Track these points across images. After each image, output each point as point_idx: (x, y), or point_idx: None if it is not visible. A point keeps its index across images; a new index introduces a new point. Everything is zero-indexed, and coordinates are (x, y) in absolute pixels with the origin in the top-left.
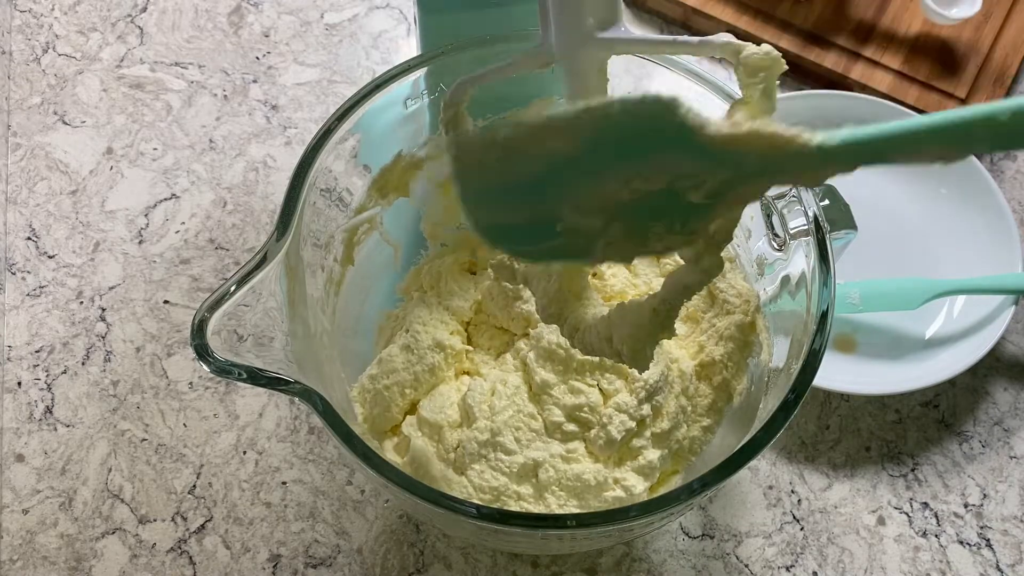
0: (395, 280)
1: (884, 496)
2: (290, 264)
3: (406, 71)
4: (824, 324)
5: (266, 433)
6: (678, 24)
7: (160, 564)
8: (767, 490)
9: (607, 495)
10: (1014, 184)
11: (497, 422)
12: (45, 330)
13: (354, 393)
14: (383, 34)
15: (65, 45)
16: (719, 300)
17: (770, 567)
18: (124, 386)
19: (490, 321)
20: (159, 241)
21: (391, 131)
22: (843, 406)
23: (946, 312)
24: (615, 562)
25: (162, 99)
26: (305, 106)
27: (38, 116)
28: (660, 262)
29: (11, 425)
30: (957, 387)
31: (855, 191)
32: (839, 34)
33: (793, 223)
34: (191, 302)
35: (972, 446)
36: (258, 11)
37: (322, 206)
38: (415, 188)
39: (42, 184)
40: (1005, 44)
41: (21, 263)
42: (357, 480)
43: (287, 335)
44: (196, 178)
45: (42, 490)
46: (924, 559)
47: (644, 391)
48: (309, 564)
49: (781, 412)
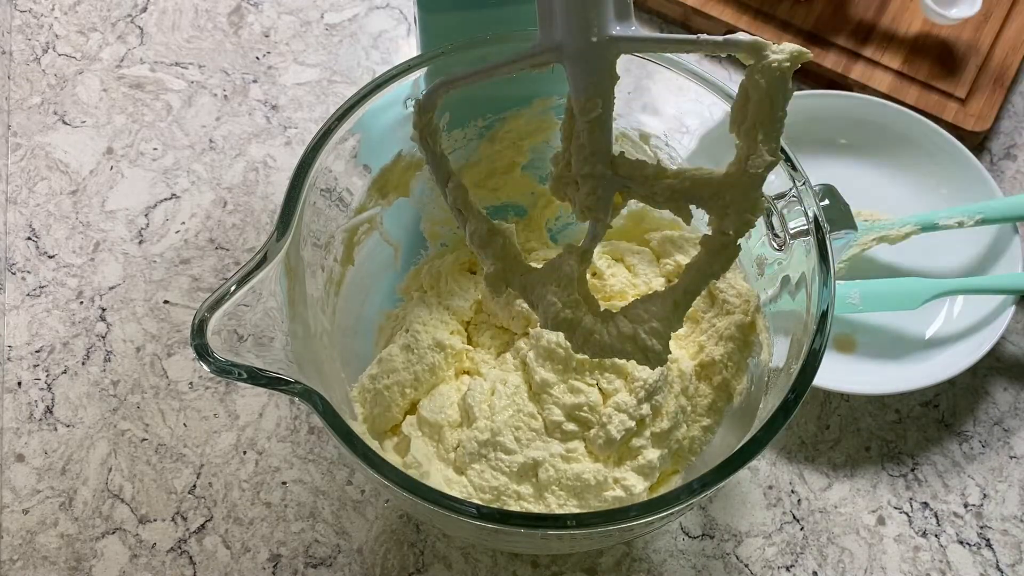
0: (395, 280)
1: (884, 496)
2: (290, 264)
3: (406, 71)
4: (824, 324)
5: (266, 433)
6: (678, 24)
7: (160, 564)
8: (767, 490)
9: (607, 495)
10: (1014, 184)
11: (497, 422)
12: (45, 330)
13: (354, 393)
14: (383, 34)
15: (65, 45)
16: (719, 300)
17: (770, 567)
18: (124, 386)
19: (491, 320)
20: (159, 241)
21: (391, 131)
22: (843, 406)
23: (946, 312)
24: (615, 562)
25: (162, 99)
26: (305, 106)
27: (38, 116)
28: (660, 262)
29: (11, 425)
30: (957, 387)
31: (855, 191)
32: (839, 34)
33: (793, 223)
34: (191, 302)
35: (972, 446)
36: (258, 11)
37: (322, 206)
38: (415, 188)
39: (42, 184)
40: (1005, 44)
41: (21, 263)
42: (357, 480)
43: (287, 335)
44: (196, 178)
45: (42, 490)
46: (924, 559)
47: (643, 391)
48: (309, 564)
49: (781, 412)
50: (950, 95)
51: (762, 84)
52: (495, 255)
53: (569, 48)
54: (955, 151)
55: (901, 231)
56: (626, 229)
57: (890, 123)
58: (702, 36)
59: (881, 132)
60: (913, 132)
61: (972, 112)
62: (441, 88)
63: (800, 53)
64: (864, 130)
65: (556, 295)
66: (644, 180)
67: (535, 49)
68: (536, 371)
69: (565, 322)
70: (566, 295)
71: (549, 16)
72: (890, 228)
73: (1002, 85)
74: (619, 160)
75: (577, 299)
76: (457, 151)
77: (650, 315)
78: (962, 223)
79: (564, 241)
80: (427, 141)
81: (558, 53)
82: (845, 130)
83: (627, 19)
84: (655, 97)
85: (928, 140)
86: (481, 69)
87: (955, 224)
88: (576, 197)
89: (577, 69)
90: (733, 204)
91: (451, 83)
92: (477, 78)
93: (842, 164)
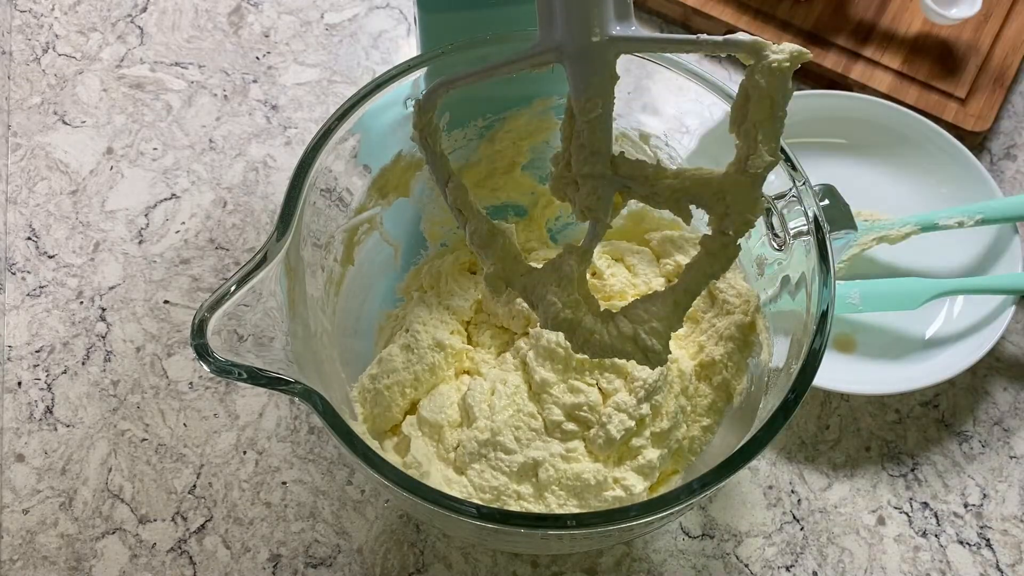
0: (395, 280)
1: (884, 496)
2: (290, 264)
3: (406, 71)
4: (824, 324)
5: (266, 433)
6: (678, 24)
7: (160, 564)
8: (767, 490)
9: (607, 495)
10: (1014, 184)
11: (497, 421)
12: (45, 330)
13: (354, 393)
14: (383, 34)
15: (65, 45)
16: (719, 300)
17: (770, 567)
18: (124, 386)
19: (491, 320)
20: (159, 241)
21: (391, 131)
22: (843, 406)
23: (946, 312)
24: (615, 562)
25: (162, 99)
26: (305, 106)
27: (38, 116)
28: (660, 262)
29: (11, 425)
30: (957, 387)
31: (855, 191)
32: (839, 34)
33: (793, 223)
34: (191, 302)
35: (972, 446)
36: (258, 11)
37: (322, 206)
38: (415, 188)
39: (42, 184)
40: (1005, 44)
41: (21, 263)
42: (357, 480)
43: (287, 335)
44: (196, 178)
45: (42, 490)
46: (924, 559)
47: (643, 390)
48: (309, 564)
49: (781, 412)
50: (950, 95)
51: (762, 84)
52: (495, 255)
53: (569, 48)
54: (955, 151)
55: (901, 231)
56: (626, 229)
57: (890, 123)
58: (702, 36)
59: (881, 132)
60: (913, 132)
61: (972, 112)
62: (441, 88)
63: (800, 53)
64: (864, 130)
65: (556, 295)
66: (644, 180)
67: (535, 49)
68: (536, 371)
69: (565, 322)
70: (566, 295)
71: (549, 16)
72: (890, 228)
73: (1002, 85)
74: (619, 160)
75: (577, 299)
76: (457, 151)
77: (650, 315)
78: (962, 223)
79: (564, 241)
80: (427, 141)
81: (558, 53)
82: (845, 130)
83: (627, 19)
84: (655, 97)
85: (928, 140)
86: (481, 69)
87: (955, 224)
88: (576, 197)
89: (577, 69)
90: (733, 204)
91: (451, 83)
92: (477, 78)
93: (842, 164)
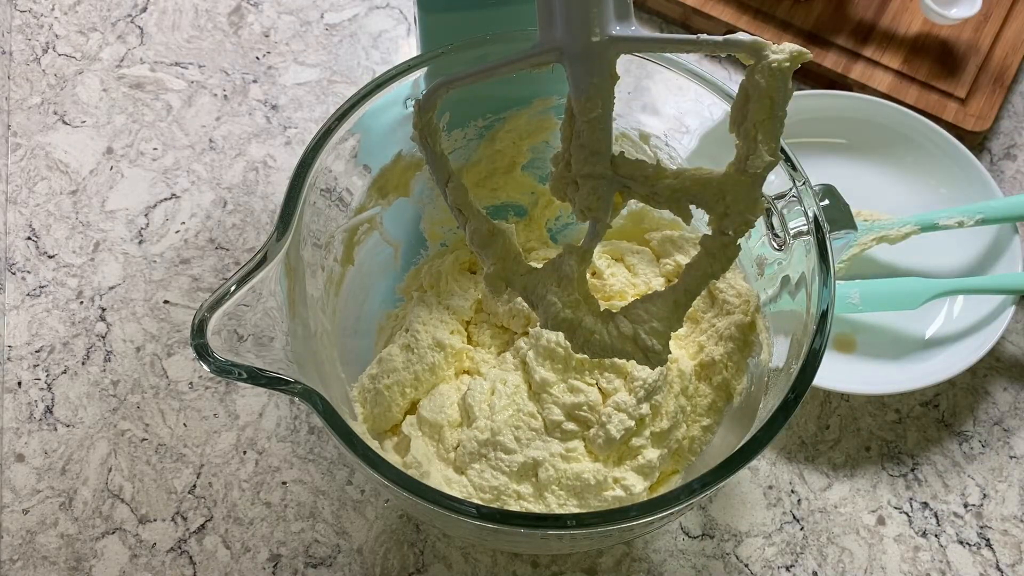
0: (395, 280)
1: (884, 496)
2: (290, 264)
3: (406, 71)
4: (824, 324)
5: (266, 433)
6: (678, 24)
7: (160, 564)
8: (767, 490)
9: (607, 494)
10: (1014, 184)
11: (497, 421)
12: (45, 330)
13: (354, 393)
14: (383, 34)
15: (65, 45)
16: (719, 300)
17: (770, 567)
18: (124, 386)
19: (491, 320)
20: (159, 241)
21: (391, 131)
22: (843, 406)
23: (946, 312)
24: (615, 562)
25: (162, 99)
26: (305, 106)
27: (38, 116)
28: (660, 262)
29: (11, 425)
30: (957, 387)
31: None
32: (839, 34)
33: (793, 223)
34: (191, 302)
35: (972, 446)
36: (258, 11)
37: (322, 206)
38: (415, 188)
39: (42, 184)
40: (1005, 44)
41: (21, 263)
42: (357, 480)
43: (287, 335)
44: (196, 178)
45: (42, 490)
46: (924, 559)
47: (643, 390)
48: (309, 564)
49: (781, 412)
50: (950, 95)
51: (762, 84)
52: (495, 255)
53: (569, 48)
54: (955, 151)
55: (901, 231)
56: (626, 229)
57: (890, 123)
58: (702, 36)
59: (881, 132)
60: (913, 132)
61: (972, 112)
62: (441, 88)
63: (800, 53)
64: (864, 130)
65: (556, 295)
66: (644, 180)
67: (535, 49)
68: (536, 370)
69: (565, 322)
70: (566, 295)
71: (549, 16)
72: (890, 228)
73: (1002, 85)
74: (619, 160)
75: (577, 299)
76: (457, 151)
77: (650, 315)
78: (962, 223)
79: (564, 241)
80: (427, 141)
81: (558, 53)
82: (845, 130)
83: (627, 19)
84: (655, 97)
85: (928, 140)
86: (481, 69)
87: (955, 224)
88: (576, 197)
89: (577, 69)
90: (733, 204)
91: (451, 83)
92: (477, 78)
93: (842, 164)
